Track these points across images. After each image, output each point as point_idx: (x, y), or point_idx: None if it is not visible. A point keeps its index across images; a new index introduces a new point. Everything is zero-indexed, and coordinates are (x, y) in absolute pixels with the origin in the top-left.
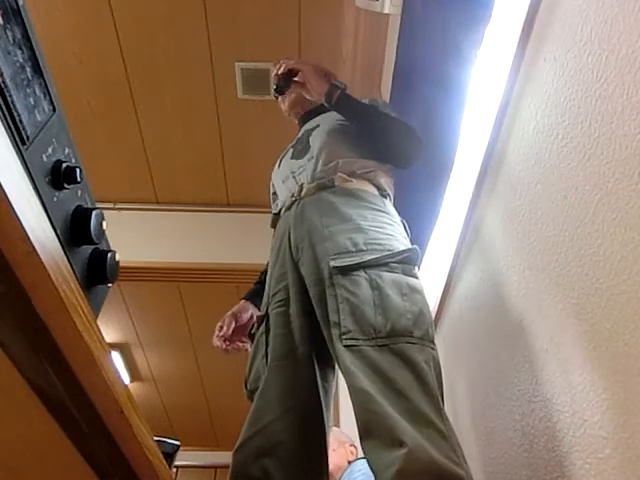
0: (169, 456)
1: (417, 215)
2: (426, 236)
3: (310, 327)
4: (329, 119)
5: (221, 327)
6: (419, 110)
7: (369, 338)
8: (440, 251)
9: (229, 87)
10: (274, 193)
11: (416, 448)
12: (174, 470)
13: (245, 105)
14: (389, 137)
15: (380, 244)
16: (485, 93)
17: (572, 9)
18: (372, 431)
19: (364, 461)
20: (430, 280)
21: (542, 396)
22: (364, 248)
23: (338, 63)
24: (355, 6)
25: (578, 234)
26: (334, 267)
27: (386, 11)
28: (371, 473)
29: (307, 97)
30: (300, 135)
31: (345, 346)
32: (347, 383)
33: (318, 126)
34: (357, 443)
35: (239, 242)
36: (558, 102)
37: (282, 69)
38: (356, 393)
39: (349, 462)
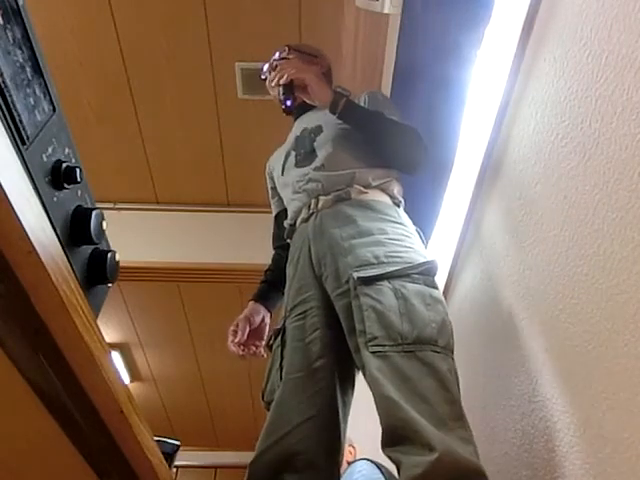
0: (169, 456)
1: (417, 215)
2: (426, 236)
3: (331, 340)
4: (330, 121)
5: (235, 332)
6: (419, 110)
7: (396, 344)
8: (440, 251)
9: (229, 87)
10: (273, 188)
11: (445, 453)
12: (174, 470)
13: (245, 105)
14: (395, 144)
15: (400, 257)
16: (485, 93)
17: (572, 9)
18: (400, 437)
19: (364, 462)
20: None
21: (542, 396)
22: (385, 260)
23: (338, 63)
24: (355, 6)
25: (578, 234)
26: (358, 278)
27: (386, 11)
28: (371, 474)
29: (309, 102)
30: (299, 134)
31: (372, 352)
32: (372, 391)
33: (321, 130)
34: (355, 443)
35: (239, 242)
36: (558, 102)
37: (284, 79)
38: (382, 400)
39: (348, 463)
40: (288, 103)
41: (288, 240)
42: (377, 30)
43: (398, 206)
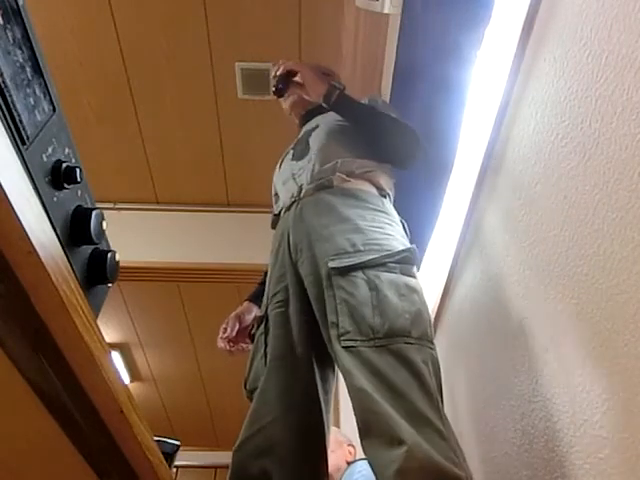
0: (169, 456)
1: (417, 215)
2: (426, 236)
3: (309, 327)
4: (328, 119)
5: (225, 329)
6: (419, 110)
7: (367, 339)
8: (440, 251)
9: (229, 87)
10: (276, 194)
11: (415, 447)
12: (174, 470)
13: (245, 105)
14: (387, 137)
15: (378, 244)
16: (485, 93)
17: (572, 9)
18: (372, 430)
19: (364, 462)
20: (430, 280)
21: (542, 396)
22: (362, 249)
23: (338, 63)
24: (355, 6)
25: (578, 234)
26: (332, 268)
27: (386, 11)
28: (371, 474)
29: (306, 98)
30: (300, 136)
31: (343, 347)
32: (346, 383)
33: (317, 127)
34: (355, 443)
35: (239, 242)
36: (558, 102)
37: (280, 70)
38: (355, 393)
39: (348, 463)
40: (280, 86)
41: (272, 229)
42: (377, 30)
43: (384, 197)
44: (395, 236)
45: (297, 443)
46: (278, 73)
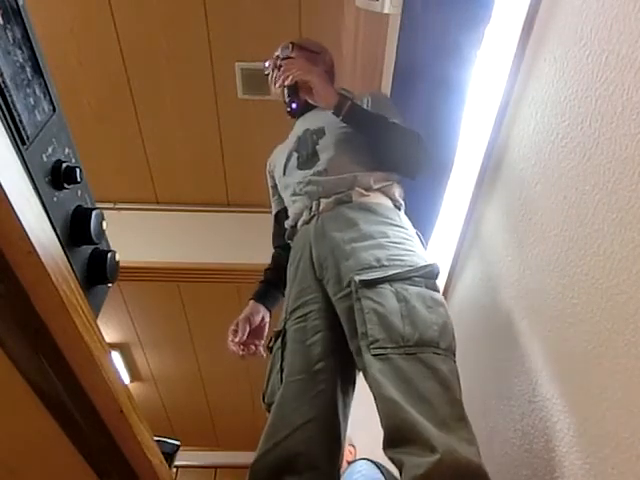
0: (169, 456)
1: (417, 215)
2: (426, 236)
3: (333, 342)
4: (332, 122)
5: (235, 331)
6: (419, 110)
7: (397, 346)
8: (440, 251)
9: (229, 87)
10: (274, 187)
11: (447, 454)
12: (174, 470)
13: (245, 105)
14: (397, 148)
15: (402, 260)
16: (485, 93)
17: (572, 9)
18: (402, 439)
19: (364, 462)
20: None
21: (542, 396)
22: (387, 264)
23: (338, 63)
24: (355, 6)
25: (578, 234)
26: (360, 281)
27: (386, 11)
28: (371, 474)
29: (313, 103)
30: (301, 134)
31: (374, 355)
32: (374, 392)
33: (323, 133)
34: (355, 442)
35: (239, 242)
36: (558, 102)
37: (289, 81)
38: (384, 402)
39: (348, 462)
40: (294, 106)
41: (289, 241)
42: (377, 30)
43: (399, 209)
44: (416, 252)
45: (316, 455)
46: (286, 84)
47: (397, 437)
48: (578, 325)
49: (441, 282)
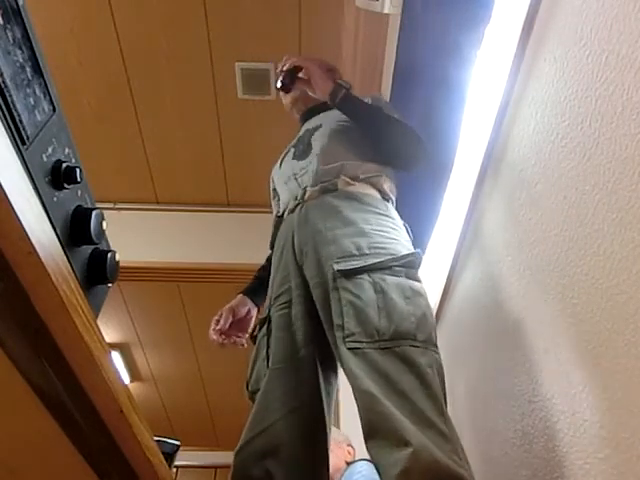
0: (169, 456)
1: (417, 215)
2: (426, 236)
3: (313, 329)
4: (331, 119)
5: (217, 321)
6: (419, 110)
7: (372, 341)
8: (440, 251)
9: (229, 87)
10: (274, 189)
11: (420, 448)
12: (174, 470)
13: (245, 105)
14: (392, 140)
15: (384, 248)
16: (485, 93)
17: (572, 9)
18: (377, 431)
19: (364, 462)
20: (430, 280)
21: (542, 396)
22: (367, 252)
23: (338, 63)
24: (355, 6)
25: (578, 234)
26: (338, 270)
27: (386, 11)
28: (371, 475)
29: (311, 94)
30: (301, 134)
31: (349, 349)
32: (351, 385)
33: (320, 126)
34: (355, 443)
35: (239, 242)
36: (558, 102)
37: (287, 65)
38: (361, 395)
39: (347, 463)
40: (285, 81)
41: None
42: (377, 30)
43: (387, 201)
44: (400, 240)
45: (300, 445)
46: (284, 68)
47: (372, 429)
48: (578, 325)
49: (441, 282)
